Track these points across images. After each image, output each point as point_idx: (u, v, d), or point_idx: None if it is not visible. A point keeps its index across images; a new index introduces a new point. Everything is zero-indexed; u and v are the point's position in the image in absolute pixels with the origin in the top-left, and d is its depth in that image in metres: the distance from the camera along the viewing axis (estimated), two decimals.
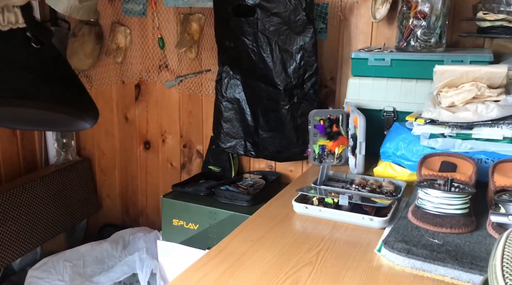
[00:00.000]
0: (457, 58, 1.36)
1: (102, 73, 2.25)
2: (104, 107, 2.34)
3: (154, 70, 2.18)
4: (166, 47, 2.12)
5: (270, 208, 1.15)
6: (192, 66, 2.10)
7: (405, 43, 1.48)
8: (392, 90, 1.45)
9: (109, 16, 2.17)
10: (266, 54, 1.74)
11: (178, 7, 2.06)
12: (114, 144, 2.41)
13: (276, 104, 1.79)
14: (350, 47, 1.80)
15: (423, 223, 0.92)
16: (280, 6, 1.66)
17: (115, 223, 2.50)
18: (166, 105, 2.22)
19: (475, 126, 1.15)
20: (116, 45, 2.15)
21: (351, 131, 1.41)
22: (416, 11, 1.43)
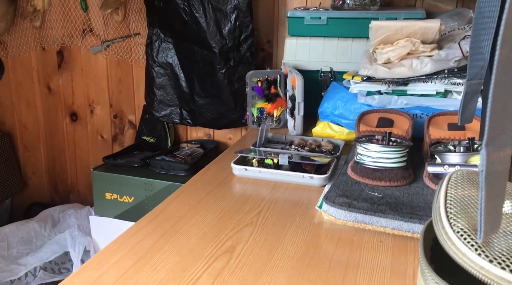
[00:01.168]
0: (392, 16, 1.36)
1: (18, 39, 2.04)
2: (23, 77, 2.13)
3: (78, 35, 2.01)
4: (90, 10, 1.95)
5: (208, 172, 1.10)
6: (120, 29, 1.95)
7: (341, 2, 1.45)
8: (329, 50, 1.43)
9: None
10: (198, 14, 1.65)
11: None
12: (37, 116, 2.21)
13: (211, 68, 1.72)
14: (286, 7, 1.75)
15: (362, 177, 0.91)
16: None
17: (43, 201, 2.33)
18: (93, 73, 2.06)
19: (410, 82, 1.15)
20: (32, 7, 1.94)
21: (289, 93, 1.37)
22: None
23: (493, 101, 0.37)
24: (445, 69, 1.11)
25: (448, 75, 1.11)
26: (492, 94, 0.37)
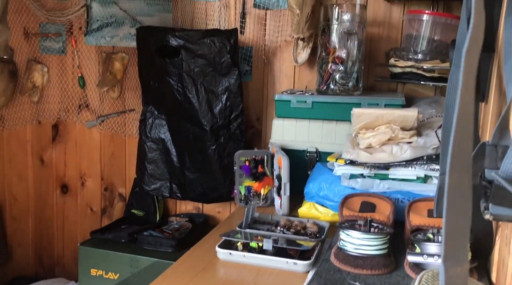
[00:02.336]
0: (373, 101, 1.44)
1: (16, 112, 2.10)
2: (17, 149, 2.17)
3: (74, 110, 2.08)
4: (87, 86, 2.04)
5: (193, 254, 1.10)
6: (115, 105, 2.03)
7: (325, 87, 1.53)
8: (314, 131, 1.49)
9: (25, 53, 2.05)
10: (191, 95, 1.73)
11: (100, 46, 2.00)
12: (28, 188, 2.22)
13: (202, 144, 1.77)
14: (274, 89, 1.84)
15: (344, 265, 0.92)
16: (205, 48, 1.67)
17: (27, 275, 2.27)
18: (86, 146, 2.10)
19: (391, 166, 1.20)
20: (32, 84, 2.03)
21: (276, 172, 1.41)
22: (334, 56, 1.50)
23: (447, 221, 0.40)
24: (424, 156, 1.16)
25: (427, 162, 1.15)
26: (446, 215, 0.40)
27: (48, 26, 2.03)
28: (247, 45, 1.84)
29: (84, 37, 2.01)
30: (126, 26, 1.97)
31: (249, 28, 1.84)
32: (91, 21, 2.00)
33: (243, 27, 1.84)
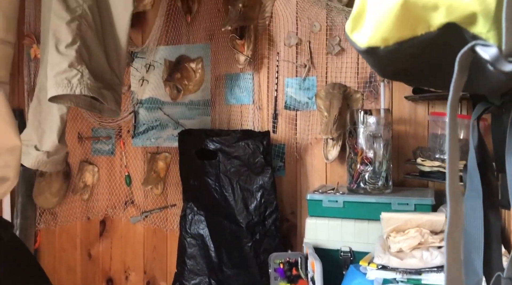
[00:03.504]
0: (403, 201, 1.47)
1: (67, 210, 2.27)
2: (67, 244, 2.30)
3: (120, 206, 2.22)
4: (133, 184, 2.19)
5: None
6: (158, 201, 2.15)
7: (356, 185, 1.59)
8: (347, 231, 1.53)
9: (78, 155, 2.26)
10: (228, 194, 1.82)
11: (146, 147, 2.17)
12: (76, 281, 2.32)
13: (239, 241, 1.83)
14: (307, 183, 1.91)
15: None
16: (240, 150, 1.79)
17: None
18: (131, 240, 2.21)
19: (423, 272, 1.20)
20: (83, 184, 2.20)
21: (310, 274, 1.44)
22: (362, 157, 1.57)
23: None
24: None
25: None
26: None
27: (100, 130, 2.25)
28: (280, 143, 1.95)
29: (131, 139, 2.20)
30: (169, 128, 2.15)
31: (281, 127, 1.96)
32: (138, 125, 2.19)
33: (276, 126, 1.96)
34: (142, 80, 2.18)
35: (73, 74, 1.38)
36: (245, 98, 2.02)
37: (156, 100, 2.17)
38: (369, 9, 0.48)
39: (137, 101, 2.19)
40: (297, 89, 1.93)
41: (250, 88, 2.01)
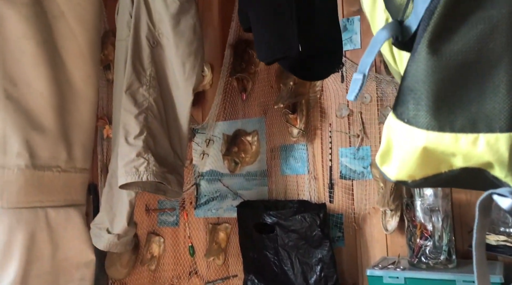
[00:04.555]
0: (468, 279, 1.41)
1: (136, 280, 2.38)
2: None
3: (185, 277, 2.29)
4: (196, 254, 2.27)
5: None
6: (220, 272, 2.21)
7: (417, 260, 1.55)
8: None
9: (145, 227, 2.40)
10: (287, 267, 1.84)
11: (207, 218, 2.27)
12: None
13: None
14: (368, 254, 1.88)
15: None
16: (297, 224, 1.82)
17: None
18: None
19: None
20: (150, 255, 2.32)
21: None
22: (421, 230, 1.55)
23: None
24: None
25: None
26: None
27: (165, 202, 2.38)
28: (337, 213, 1.96)
29: (194, 210, 2.31)
30: (229, 199, 2.23)
31: (338, 197, 1.97)
32: (200, 197, 2.30)
33: (332, 196, 1.98)
34: (203, 154, 2.31)
35: (140, 162, 1.52)
36: (300, 169, 2.07)
37: (216, 172, 2.28)
38: (394, 149, 0.53)
39: (199, 174, 2.31)
40: (352, 159, 1.96)
41: (305, 159, 2.06)
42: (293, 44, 1.02)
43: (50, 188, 0.78)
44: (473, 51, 0.44)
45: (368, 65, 0.50)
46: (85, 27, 0.74)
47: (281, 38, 1.03)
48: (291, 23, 1.06)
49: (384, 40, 0.49)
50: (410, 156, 0.50)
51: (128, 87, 1.61)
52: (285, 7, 1.09)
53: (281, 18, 1.07)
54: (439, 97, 0.46)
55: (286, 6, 1.09)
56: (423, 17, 0.47)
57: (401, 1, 0.58)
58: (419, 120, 0.48)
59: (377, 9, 0.64)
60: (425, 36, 0.46)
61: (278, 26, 1.06)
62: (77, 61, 0.75)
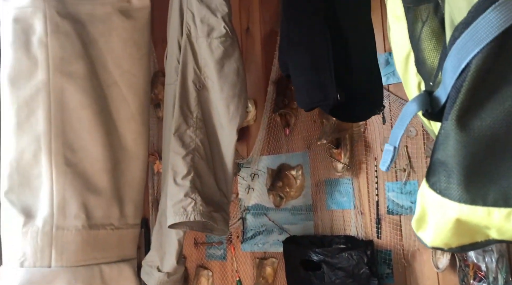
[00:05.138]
0: None
1: None
2: None
3: None
4: None
5: None
6: None
7: None
8: None
9: (194, 260, 2.45)
10: None
11: (254, 252, 2.29)
12: None
13: None
14: None
15: None
16: (344, 261, 1.80)
17: None
18: None
19: None
20: None
21: None
22: (474, 270, 1.49)
23: None
24: None
25: None
26: None
27: (213, 236, 2.43)
28: (385, 249, 1.92)
29: (241, 244, 2.33)
30: (274, 233, 2.25)
31: (385, 232, 1.93)
32: (246, 231, 2.33)
33: (379, 232, 1.95)
34: (248, 188, 2.35)
35: (188, 202, 1.57)
36: (346, 203, 2.06)
37: (261, 206, 2.31)
38: (429, 216, 0.54)
39: (245, 208, 2.35)
40: (399, 194, 1.93)
41: (350, 193, 2.05)
42: (331, 92, 1.04)
43: (104, 245, 0.84)
44: (502, 127, 0.45)
45: (398, 138, 0.52)
46: (136, 93, 0.81)
47: (319, 86, 1.06)
48: (328, 71, 1.09)
49: (414, 114, 0.51)
50: (444, 225, 0.51)
51: (176, 129, 1.70)
52: (322, 55, 1.12)
53: (318, 66, 1.11)
54: (469, 171, 0.47)
55: (324, 55, 1.12)
56: (450, 93, 0.48)
57: (432, 64, 0.60)
58: (451, 193, 0.49)
59: (409, 72, 0.66)
60: (453, 112, 0.48)
61: (315, 74, 1.09)
62: (129, 125, 0.81)
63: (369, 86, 1.25)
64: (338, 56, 1.14)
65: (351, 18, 1.23)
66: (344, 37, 1.20)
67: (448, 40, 0.52)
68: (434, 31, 0.60)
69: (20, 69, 0.71)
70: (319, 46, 1.09)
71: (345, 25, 1.21)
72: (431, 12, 0.60)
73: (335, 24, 1.19)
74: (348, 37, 1.21)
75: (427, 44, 0.61)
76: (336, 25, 1.19)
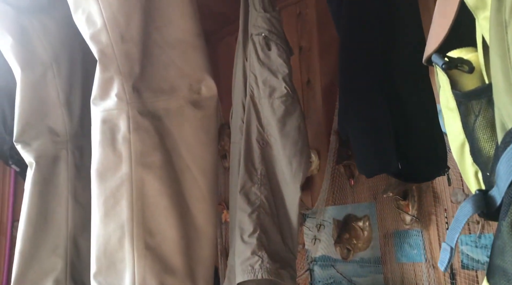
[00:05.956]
0: None
1: None
2: None
3: None
4: None
5: None
6: None
7: None
8: None
9: None
10: None
11: None
12: None
13: None
14: None
15: None
16: None
17: None
18: None
19: None
20: None
21: None
22: None
23: None
24: None
25: None
26: None
27: None
28: None
29: None
30: None
31: None
32: (314, 283, 2.32)
33: None
34: (315, 239, 2.35)
35: (255, 260, 1.62)
36: (417, 256, 1.99)
37: (328, 258, 2.29)
38: None
39: (312, 259, 2.34)
40: (473, 247, 1.84)
41: (421, 246, 1.98)
42: (392, 161, 1.06)
43: None
44: None
45: (454, 239, 0.53)
46: (206, 175, 0.89)
47: (379, 155, 1.08)
48: (388, 138, 1.11)
49: (469, 216, 0.53)
50: None
51: (242, 187, 1.77)
52: (381, 122, 1.15)
53: (378, 134, 1.13)
54: None
55: (382, 121, 1.14)
56: (504, 199, 0.50)
57: (488, 154, 0.61)
58: None
59: (465, 161, 0.67)
60: (507, 220, 0.49)
61: (375, 143, 1.12)
62: (200, 206, 0.89)
63: (431, 147, 1.25)
64: (397, 119, 1.16)
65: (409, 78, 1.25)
66: (402, 100, 1.22)
67: (500, 141, 0.54)
68: (489, 122, 0.62)
69: (107, 164, 0.82)
70: (377, 114, 1.12)
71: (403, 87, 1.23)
72: (484, 106, 0.62)
73: (393, 88, 1.21)
74: (407, 100, 1.22)
75: (481, 134, 0.62)
76: (394, 89, 1.21)
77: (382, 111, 1.11)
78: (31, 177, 1.03)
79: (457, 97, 0.66)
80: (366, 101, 1.14)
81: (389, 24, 1.27)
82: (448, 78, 0.68)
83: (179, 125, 0.89)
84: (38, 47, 1.02)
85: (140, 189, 0.80)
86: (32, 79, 1.02)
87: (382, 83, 1.17)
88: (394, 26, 1.27)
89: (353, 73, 1.21)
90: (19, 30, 1.00)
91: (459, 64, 0.67)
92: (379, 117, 1.15)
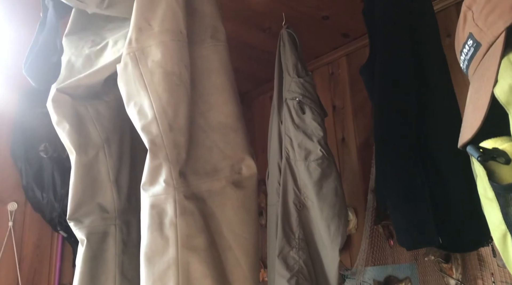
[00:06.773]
0: None
1: None
2: None
3: None
4: None
5: None
6: None
7: None
8: None
9: None
10: None
11: None
12: None
13: None
14: None
15: None
16: None
17: None
18: None
19: None
20: None
21: None
22: None
23: None
24: None
25: None
26: None
27: None
28: None
29: None
30: None
31: None
32: None
33: None
34: None
35: None
36: None
37: None
38: None
39: None
40: None
41: None
42: (433, 235, 1.05)
43: None
44: None
45: None
46: (248, 254, 0.91)
47: (420, 229, 1.08)
48: (427, 211, 1.11)
49: None
50: None
51: (280, 251, 1.77)
52: (419, 193, 1.15)
53: (417, 206, 1.13)
54: None
55: (420, 192, 1.15)
56: None
57: None
58: None
59: (509, 253, 0.67)
60: None
61: (415, 215, 1.11)
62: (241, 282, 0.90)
63: (473, 216, 1.23)
64: (435, 189, 1.16)
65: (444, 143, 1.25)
66: (440, 169, 1.22)
67: None
68: None
69: (156, 248, 0.86)
70: (415, 185, 1.13)
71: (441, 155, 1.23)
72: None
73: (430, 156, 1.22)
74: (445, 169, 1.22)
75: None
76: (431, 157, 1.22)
77: (420, 183, 1.11)
78: (82, 254, 1.08)
79: (495, 189, 0.67)
80: (402, 172, 1.15)
81: (422, 92, 1.30)
82: (484, 169, 0.69)
83: (222, 206, 0.93)
84: (91, 131, 1.10)
85: (186, 271, 0.83)
86: (85, 161, 1.09)
87: (418, 152, 1.19)
88: (426, 95, 1.30)
89: (388, 140, 1.23)
90: (75, 117, 1.09)
91: (495, 156, 0.68)
92: (417, 188, 1.15)
